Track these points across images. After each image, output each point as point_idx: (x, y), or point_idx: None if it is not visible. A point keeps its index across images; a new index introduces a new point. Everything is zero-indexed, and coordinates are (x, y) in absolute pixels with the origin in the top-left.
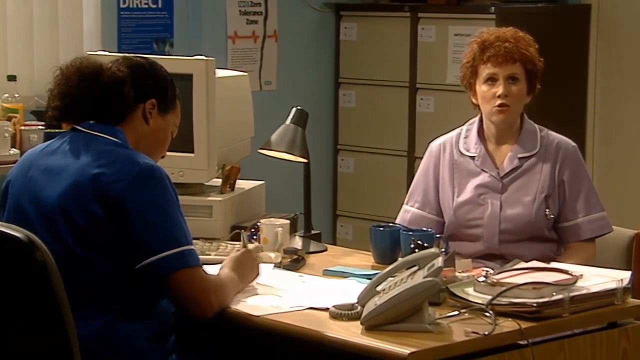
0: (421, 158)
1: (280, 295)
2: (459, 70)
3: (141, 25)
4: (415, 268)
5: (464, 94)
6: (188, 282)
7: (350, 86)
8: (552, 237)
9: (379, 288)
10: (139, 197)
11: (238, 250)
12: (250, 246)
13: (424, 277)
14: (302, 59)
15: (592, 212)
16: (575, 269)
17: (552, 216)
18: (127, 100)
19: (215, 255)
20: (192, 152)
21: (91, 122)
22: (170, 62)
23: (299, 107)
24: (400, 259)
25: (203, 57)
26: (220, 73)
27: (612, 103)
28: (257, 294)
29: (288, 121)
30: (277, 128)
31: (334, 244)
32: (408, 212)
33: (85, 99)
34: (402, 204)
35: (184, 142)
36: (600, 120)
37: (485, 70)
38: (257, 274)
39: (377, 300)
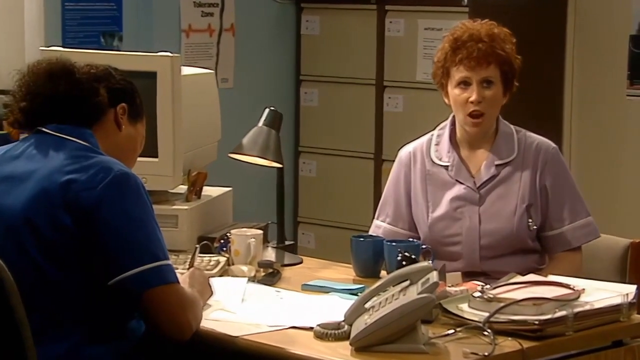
0: (389, 161)
1: (234, 311)
2: (430, 67)
3: (87, 17)
4: (407, 283)
5: (434, 93)
6: (165, 300)
7: (312, 84)
8: (535, 247)
9: (367, 305)
10: (112, 206)
11: (188, 270)
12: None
13: (418, 294)
14: (261, 55)
15: (577, 218)
16: (576, 282)
17: (535, 227)
18: (102, 99)
19: (183, 269)
20: (156, 156)
21: (59, 124)
22: (132, 59)
23: (272, 108)
24: (391, 274)
25: (168, 54)
26: (185, 71)
27: (590, 98)
28: (220, 311)
29: (260, 123)
30: (235, 128)
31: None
32: (379, 228)
33: (59, 98)
34: (368, 209)
35: (147, 146)
36: (577, 117)
37: (458, 74)
38: (212, 293)
39: (367, 319)
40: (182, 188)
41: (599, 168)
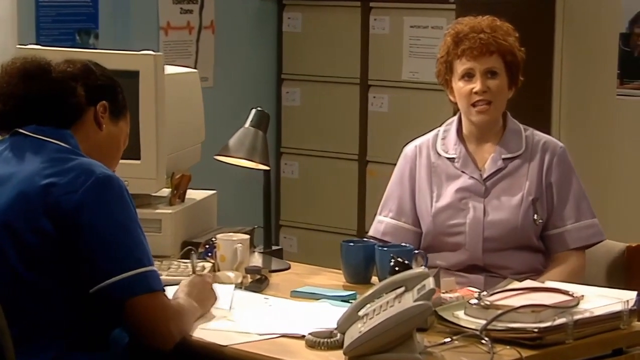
0: (373, 162)
1: (233, 319)
2: (416, 65)
3: (62, 14)
4: (402, 290)
5: (421, 92)
6: (149, 308)
7: (294, 83)
8: (540, 247)
9: (361, 313)
10: (95, 210)
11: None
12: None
13: (415, 301)
14: (242, 53)
15: (582, 218)
16: (575, 288)
17: (540, 221)
18: (79, 99)
19: (167, 275)
20: (139, 158)
21: (38, 125)
22: (113, 58)
23: (259, 108)
24: (385, 280)
25: (151, 52)
26: (168, 70)
27: (579, 98)
28: (211, 319)
29: (247, 124)
30: (214, 128)
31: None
32: (382, 223)
33: (33, 99)
34: (352, 212)
35: (130, 148)
36: (566, 118)
37: (461, 66)
38: (216, 299)
39: (361, 327)
40: (165, 191)
41: (589, 170)
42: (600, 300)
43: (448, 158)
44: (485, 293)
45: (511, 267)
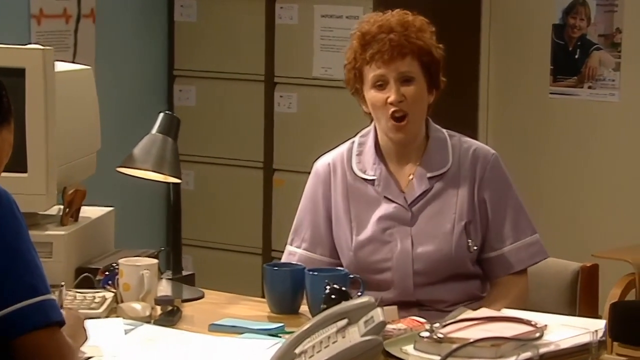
0: (281, 170)
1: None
2: (329, 60)
3: None
4: (344, 322)
5: (333, 90)
6: (47, 345)
7: (188, 80)
8: (476, 272)
9: (298, 350)
10: None
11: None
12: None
13: (362, 335)
14: (127, 46)
15: (522, 237)
16: (537, 317)
17: (475, 247)
18: None
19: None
20: (25, 171)
21: None
22: None
23: (167, 112)
24: (325, 311)
25: (39, 46)
26: (58, 66)
27: (508, 97)
28: None
29: (154, 130)
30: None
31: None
32: (294, 255)
33: None
34: (257, 227)
35: (14, 159)
36: (494, 119)
37: (371, 72)
38: (87, 338)
39: None
40: (56, 209)
41: (520, 178)
42: (565, 331)
43: (367, 180)
44: (437, 324)
45: (447, 299)
